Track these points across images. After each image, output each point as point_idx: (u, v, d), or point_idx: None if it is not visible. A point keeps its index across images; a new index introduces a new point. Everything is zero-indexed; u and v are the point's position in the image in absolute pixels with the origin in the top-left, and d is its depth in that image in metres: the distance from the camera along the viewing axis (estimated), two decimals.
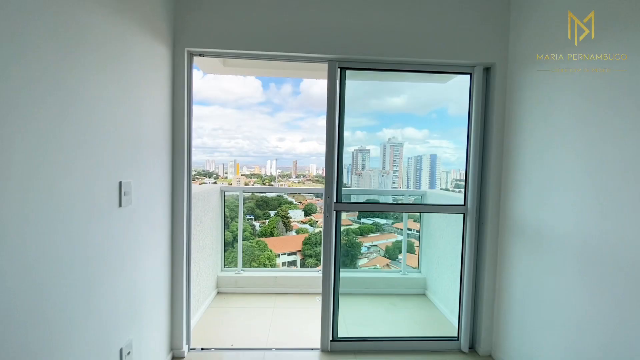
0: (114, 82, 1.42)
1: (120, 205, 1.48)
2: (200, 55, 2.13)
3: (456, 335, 2.34)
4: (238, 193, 3.47)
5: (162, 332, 2.00)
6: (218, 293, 3.21)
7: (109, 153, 1.40)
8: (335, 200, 2.19)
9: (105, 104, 1.36)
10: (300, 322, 2.72)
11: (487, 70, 2.21)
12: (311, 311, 2.90)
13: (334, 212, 2.19)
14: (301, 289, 3.27)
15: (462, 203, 2.26)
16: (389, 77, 3.07)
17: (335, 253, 2.25)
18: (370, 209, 2.49)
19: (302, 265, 5.39)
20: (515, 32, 2.07)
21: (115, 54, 1.43)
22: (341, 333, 2.34)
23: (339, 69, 2.15)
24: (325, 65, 2.16)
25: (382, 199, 3.57)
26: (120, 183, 1.48)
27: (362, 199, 3.35)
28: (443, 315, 2.87)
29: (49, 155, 1.08)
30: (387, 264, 3.82)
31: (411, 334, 2.42)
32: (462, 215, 2.27)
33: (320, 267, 3.41)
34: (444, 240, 2.99)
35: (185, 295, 2.14)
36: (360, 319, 2.83)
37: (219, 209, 3.32)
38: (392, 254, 3.80)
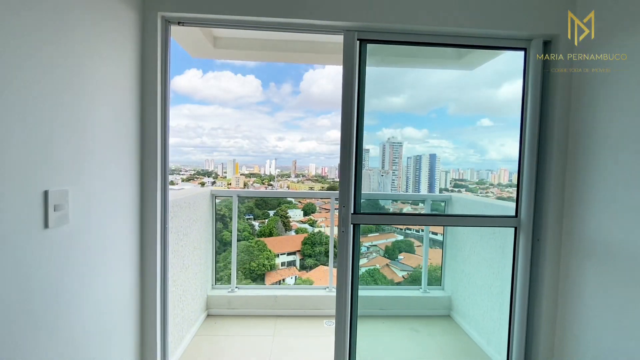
0: (44, 55, 0.94)
1: (46, 225, 1.00)
2: (179, 23, 1.65)
3: None
4: (232, 197, 2.99)
5: None
6: (208, 316, 2.73)
7: (25, 148, 0.92)
8: (352, 211, 1.71)
9: (25, 83, 0.88)
10: (306, 354, 2.24)
11: (546, 44, 1.73)
12: (320, 340, 2.42)
13: (351, 226, 1.71)
14: (306, 311, 2.79)
15: (514, 214, 1.79)
16: (413, 61, 2.61)
17: (353, 274, 1.77)
18: (400, 222, 2.03)
19: (302, 265, 5.20)
20: None
21: (50, 13, 0.95)
22: None
23: (358, 42, 1.67)
24: (338, 46, 1.70)
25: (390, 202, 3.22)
26: (46, 193, 0.99)
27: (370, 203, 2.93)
28: (475, 344, 2.40)
29: None
30: (387, 264, 3.62)
31: None
32: (513, 229, 1.79)
33: (328, 285, 2.94)
34: (475, 254, 2.51)
35: (160, 334, 1.66)
36: (378, 350, 2.36)
37: (209, 217, 2.83)
38: (391, 254, 3.63)
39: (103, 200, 1.28)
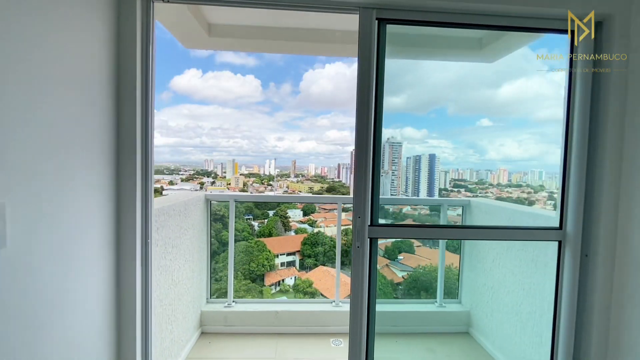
0: None
1: None
2: (163, 0, 1.39)
3: None
4: (229, 201, 2.72)
5: None
6: (202, 333, 2.47)
7: None
8: (369, 222, 1.44)
9: None
10: None
11: (597, 26, 1.47)
12: None
13: (368, 240, 1.45)
14: (310, 328, 2.53)
15: (557, 225, 1.52)
16: (431, 52, 2.36)
17: (370, 294, 1.52)
18: (425, 235, 1.76)
19: (301, 266, 5.13)
20: None
21: None
22: None
23: (376, 22, 1.40)
24: (347, 34, 1.45)
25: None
26: None
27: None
28: None
29: None
30: (387, 265, 3.54)
31: None
32: (556, 242, 1.53)
33: (334, 298, 2.69)
34: (500, 267, 2.25)
35: None
36: None
37: (203, 224, 2.57)
38: (391, 254, 3.57)
39: (62, 214, 1.02)
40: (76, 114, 1.08)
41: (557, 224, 1.54)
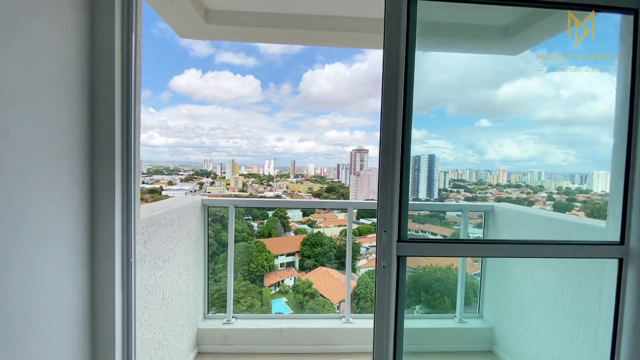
0: None
1: None
2: None
3: None
4: (228, 207, 2.47)
5: None
6: (199, 354, 2.23)
7: None
8: (397, 237, 1.21)
9: None
10: None
11: None
12: None
13: (396, 259, 1.21)
14: (318, 347, 2.29)
15: (618, 240, 1.29)
16: (454, 43, 2.12)
17: (397, 319, 1.29)
18: (463, 252, 1.53)
19: (301, 266, 5.12)
20: None
21: None
22: None
23: None
24: (360, 22, 1.28)
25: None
26: None
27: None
28: None
29: None
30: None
31: None
32: (615, 260, 1.30)
33: (344, 313, 2.45)
34: (531, 281, 2.02)
35: None
36: None
37: (200, 232, 2.32)
38: None
39: (16, 233, 0.78)
40: (34, 113, 0.84)
41: (612, 237, 1.31)
